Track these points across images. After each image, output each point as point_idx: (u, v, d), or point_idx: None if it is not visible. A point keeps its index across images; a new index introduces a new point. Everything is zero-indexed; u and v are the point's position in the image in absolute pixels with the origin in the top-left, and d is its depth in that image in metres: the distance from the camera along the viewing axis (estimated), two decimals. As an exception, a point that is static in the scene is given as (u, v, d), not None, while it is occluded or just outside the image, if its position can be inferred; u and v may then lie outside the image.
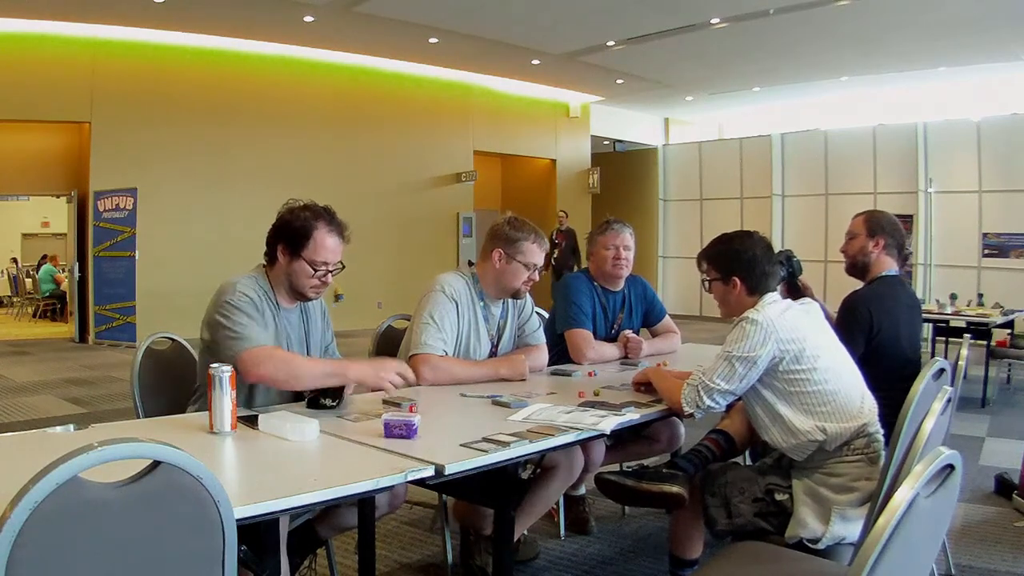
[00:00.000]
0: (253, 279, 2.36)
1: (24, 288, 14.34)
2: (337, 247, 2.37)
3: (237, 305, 2.23)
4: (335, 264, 2.37)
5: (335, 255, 2.36)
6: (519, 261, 2.78)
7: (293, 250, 2.33)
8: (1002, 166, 10.73)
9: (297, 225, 2.34)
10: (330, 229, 2.36)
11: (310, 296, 2.40)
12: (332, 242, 2.35)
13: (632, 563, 3.03)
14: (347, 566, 2.88)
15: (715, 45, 9.96)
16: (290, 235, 2.34)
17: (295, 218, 2.35)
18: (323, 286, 2.38)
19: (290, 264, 2.34)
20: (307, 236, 2.32)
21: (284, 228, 2.36)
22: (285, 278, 2.37)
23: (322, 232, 2.33)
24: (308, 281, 2.35)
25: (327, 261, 2.34)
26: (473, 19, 9.08)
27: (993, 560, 3.07)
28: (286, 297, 2.40)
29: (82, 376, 7.45)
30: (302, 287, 2.36)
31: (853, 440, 2.11)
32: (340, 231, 2.39)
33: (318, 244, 2.32)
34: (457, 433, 1.95)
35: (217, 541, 1.25)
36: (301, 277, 2.34)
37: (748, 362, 2.12)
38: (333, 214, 2.41)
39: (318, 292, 2.40)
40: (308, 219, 2.34)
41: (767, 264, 2.29)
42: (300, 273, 2.34)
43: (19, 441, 1.93)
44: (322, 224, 2.34)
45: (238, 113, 10.28)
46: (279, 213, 2.40)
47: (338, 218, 2.41)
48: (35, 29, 9.02)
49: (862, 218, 3.00)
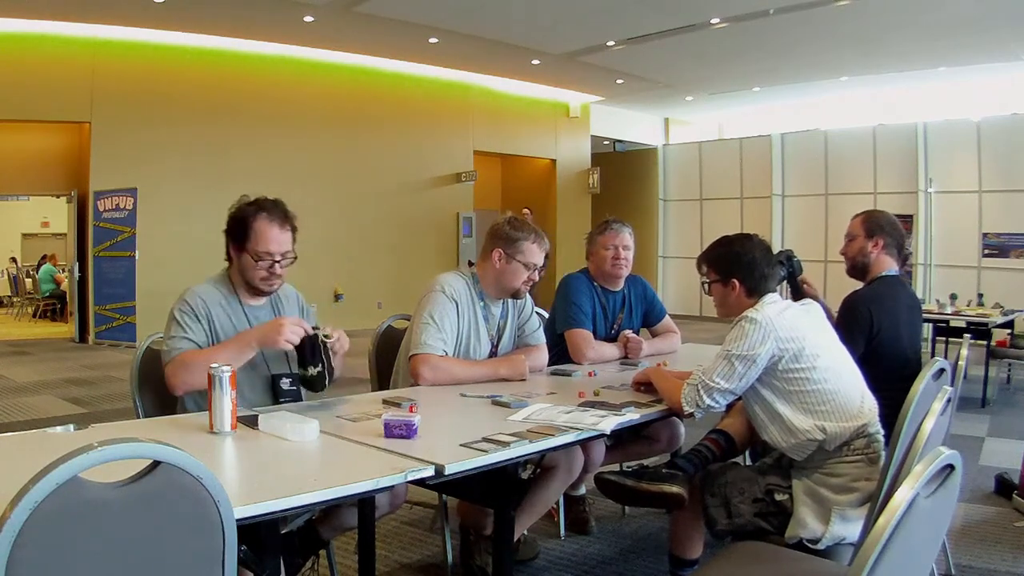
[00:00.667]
0: (211, 283, 2.39)
1: (24, 288, 14.35)
2: (280, 236, 2.34)
3: (176, 317, 2.28)
4: (282, 254, 2.35)
5: (279, 245, 2.34)
6: (519, 261, 2.78)
7: (239, 244, 2.34)
8: (1002, 166, 10.73)
9: (239, 219, 2.34)
10: (270, 219, 2.33)
11: (263, 289, 2.39)
12: (273, 232, 2.33)
13: (632, 563, 3.03)
14: (347, 566, 2.88)
15: (715, 45, 9.96)
16: (235, 230, 2.35)
17: (238, 212, 2.36)
18: (273, 277, 2.37)
19: (239, 259, 2.36)
20: (248, 228, 2.32)
21: (230, 224, 2.37)
22: (239, 274, 2.38)
23: (262, 223, 2.32)
24: (256, 273, 2.34)
25: (270, 251, 2.32)
26: (473, 19, 9.07)
27: (993, 560, 3.07)
28: (248, 294, 2.40)
29: (82, 376, 7.45)
30: (251, 280, 2.36)
31: (853, 440, 2.11)
32: (282, 220, 2.36)
33: (259, 235, 2.31)
34: (457, 433, 1.95)
35: (217, 541, 1.25)
36: (249, 270, 2.35)
37: (747, 360, 2.13)
38: (276, 204, 2.38)
39: (269, 284, 2.38)
40: (249, 211, 2.34)
41: (766, 266, 2.30)
42: (247, 266, 2.35)
43: (19, 441, 1.93)
44: (262, 215, 2.33)
45: (238, 113, 10.28)
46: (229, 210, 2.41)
47: (282, 208, 2.38)
48: (35, 29, 9.01)
49: (860, 219, 3.00)
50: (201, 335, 2.28)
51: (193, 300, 2.31)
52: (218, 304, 2.35)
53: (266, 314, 2.44)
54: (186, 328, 2.27)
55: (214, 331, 2.32)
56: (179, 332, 2.26)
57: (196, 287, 2.37)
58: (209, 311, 2.31)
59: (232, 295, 2.39)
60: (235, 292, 2.40)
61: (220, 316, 2.34)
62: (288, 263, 2.38)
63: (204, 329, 2.29)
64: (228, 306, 2.37)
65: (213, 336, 2.31)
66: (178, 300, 2.33)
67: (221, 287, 2.40)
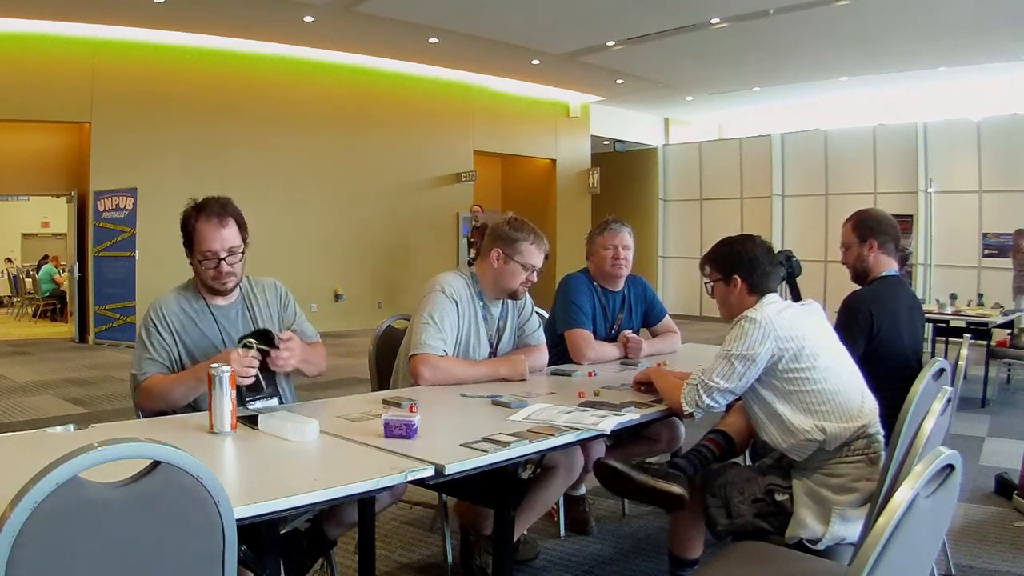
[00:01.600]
0: (176, 291, 2.41)
1: (24, 288, 14.35)
2: (219, 233, 2.31)
3: (141, 335, 2.32)
4: (227, 250, 2.33)
5: (220, 242, 2.31)
6: (517, 261, 2.78)
7: (188, 247, 2.36)
8: (1002, 166, 10.73)
9: (183, 222, 2.36)
10: (207, 217, 2.32)
11: (217, 288, 2.38)
12: (211, 230, 2.31)
13: (632, 563, 3.03)
14: (347, 566, 2.88)
15: (715, 45, 9.96)
16: (183, 235, 2.37)
17: (183, 216, 2.37)
18: (223, 275, 2.35)
19: (192, 262, 2.37)
20: (191, 230, 2.33)
21: (181, 230, 2.38)
22: (198, 278, 2.39)
23: (201, 223, 2.32)
24: (206, 273, 2.35)
25: (212, 249, 2.31)
26: (473, 19, 9.07)
27: (993, 560, 3.07)
28: (211, 294, 2.40)
29: (82, 376, 7.45)
30: (205, 280, 2.36)
31: (853, 441, 2.11)
32: (220, 217, 2.33)
33: (199, 235, 2.32)
34: (457, 433, 1.95)
35: (217, 541, 1.25)
36: (200, 272, 2.36)
37: (747, 360, 2.13)
38: (216, 201, 2.36)
39: (221, 283, 2.36)
40: (190, 214, 2.35)
41: (768, 264, 2.32)
42: (197, 268, 2.36)
43: (19, 441, 1.93)
44: (201, 215, 2.33)
45: (238, 113, 10.27)
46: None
47: (220, 203, 2.36)
48: (35, 29, 9.01)
49: (849, 225, 2.98)
50: (163, 352, 2.29)
51: (156, 315, 2.33)
52: (183, 311, 2.36)
53: (236, 312, 2.43)
54: (149, 348, 2.29)
55: (180, 340, 2.32)
56: (143, 353, 2.29)
57: (160, 299, 2.39)
58: (173, 322, 2.32)
59: (199, 298, 2.40)
60: (201, 295, 2.40)
61: (186, 323, 2.35)
62: (237, 259, 2.36)
63: (167, 344, 2.30)
64: (194, 311, 2.37)
65: (180, 345, 2.32)
66: (146, 314, 2.35)
67: (187, 292, 2.41)
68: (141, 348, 2.30)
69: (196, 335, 2.34)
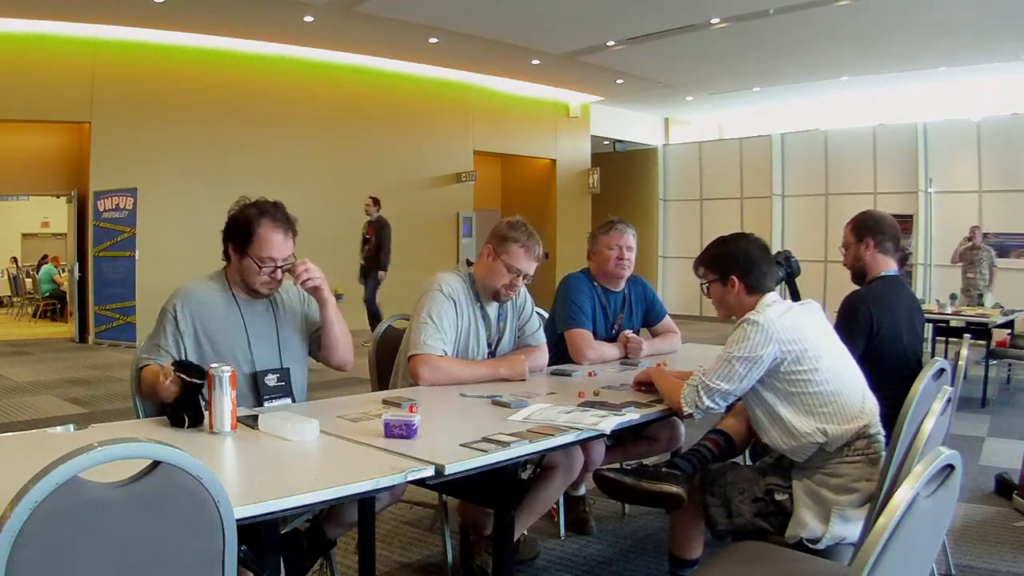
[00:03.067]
0: (206, 282, 2.38)
1: (24, 288, 14.34)
2: (283, 242, 2.32)
3: (161, 320, 2.28)
4: (284, 260, 2.34)
5: (281, 251, 2.32)
6: (502, 260, 2.76)
7: (240, 248, 2.32)
8: (1002, 166, 10.74)
9: (241, 222, 2.32)
10: (274, 224, 2.31)
11: (263, 292, 2.38)
12: (277, 238, 2.31)
13: (632, 563, 3.03)
14: (347, 566, 2.88)
15: (715, 45, 9.96)
16: (236, 233, 2.33)
17: (240, 215, 2.33)
18: (274, 282, 2.36)
19: (239, 262, 2.34)
20: (251, 233, 2.30)
21: (231, 226, 2.35)
22: (237, 275, 2.37)
23: (266, 228, 2.30)
24: (257, 278, 2.33)
25: (273, 257, 2.31)
26: (473, 19, 9.07)
27: (993, 560, 3.07)
28: (245, 293, 2.39)
29: (82, 376, 7.45)
30: (252, 284, 2.35)
31: (854, 441, 2.11)
32: (286, 226, 2.34)
33: (262, 240, 2.29)
34: (457, 433, 1.95)
35: (217, 541, 1.25)
36: (250, 275, 2.33)
37: (748, 362, 2.12)
38: (279, 208, 2.37)
39: (270, 288, 2.37)
40: (252, 215, 2.32)
41: (764, 263, 2.30)
42: (248, 271, 2.33)
43: (19, 441, 1.93)
44: (266, 220, 2.31)
45: (238, 113, 10.27)
46: (229, 211, 2.38)
47: (284, 212, 2.37)
48: (35, 29, 9.01)
49: (849, 226, 3.01)
50: (173, 344, 2.27)
51: (180, 304, 2.30)
52: (212, 302, 2.33)
53: (261, 310, 2.42)
54: (161, 335, 2.27)
55: (202, 331, 2.30)
56: (154, 338, 2.28)
57: (190, 285, 2.36)
58: (196, 312, 2.30)
59: (227, 291, 2.38)
60: (230, 290, 2.39)
61: (214, 314, 2.32)
62: (289, 267, 2.37)
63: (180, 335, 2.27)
64: (222, 302, 2.35)
65: (201, 336, 2.30)
66: (171, 298, 2.32)
67: (216, 283, 2.39)
68: (154, 332, 2.28)
69: (221, 328, 2.32)
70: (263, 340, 2.39)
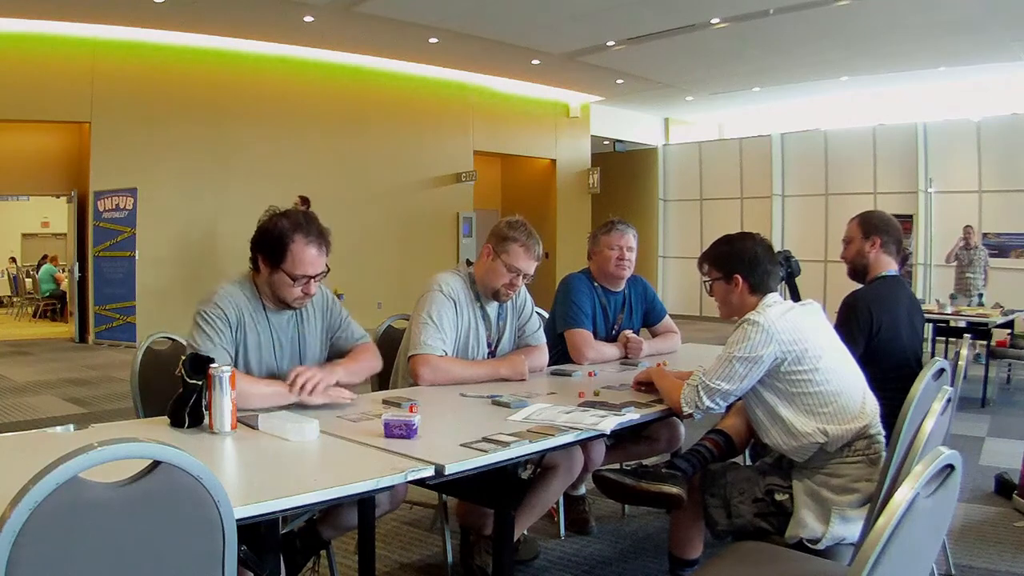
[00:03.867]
0: (238, 286, 2.33)
1: (24, 288, 14.34)
2: (317, 258, 2.28)
3: (206, 318, 2.22)
4: (318, 274, 2.30)
5: (315, 267, 2.28)
6: (502, 260, 2.76)
7: (272, 262, 2.26)
8: (1002, 166, 10.74)
9: (275, 236, 2.26)
10: (308, 240, 2.26)
11: (294, 306, 2.35)
12: (311, 254, 2.26)
13: (632, 563, 3.03)
14: (347, 566, 2.88)
15: (715, 45, 9.96)
16: (268, 246, 2.27)
17: (273, 228, 2.27)
18: (307, 297, 2.32)
19: (271, 275, 2.28)
20: (284, 249, 2.24)
21: (263, 238, 2.29)
22: (268, 287, 2.32)
23: (299, 245, 2.25)
24: (290, 292, 2.29)
25: (307, 274, 2.27)
26: (473, 19, 9.07)
27: (993, 560, 3.07)
28: (273, 304, 2.36)
29: (82, 376, 7.45)
30: (284, 297, 2.31)
31: (854, 441, 2.10)
32: (319, 241, 2.29)
33: (296, 257, 2.24)
34: (457, 433, 1.95)
35: (217, 541, 1.25)
36: (282, 288, 2.29)
37: (749, 363, 2.12)
38: (312, 222, 2.31)
39: (302, 302, 2.34)
40: (286, 230, 2.25)
41: (768, 263, 2.29)
42: (280, 284, 2.28)
43: (19, 441, 1.93)
44: (299, 236, 2.25)
45: (238, 113, 10.28)
46: (259, 220, 2.33)
47: (318, 225, 2.32)
48: (35, 29, 9.02)
49: (856, 221, 3.00)
50: (231, 347, 2.24)
51: (225, 304, 2.25)
52: (245, 309, 2.30)
53: (286, 320, 2.40)
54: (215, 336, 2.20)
55: (239, 338, 2.28)
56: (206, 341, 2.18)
57: (228, 288, 2.30)
58: (240, 317, 2.27)
59: (257, 299, 2.35)
60: (259, 298, 2.35)
61: (247, 322, 2.30)
62: (322, 278, 2.33)
63: (231, 339, 2.24)
64: (252, 310, 2.32)
65: (237, 344, 2.27)
66: (206, 300, 2.26)
67: (245, 291, 2.34)
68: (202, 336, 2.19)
69: (251, 335, 2.31)
70: (286, 349, 2.38)
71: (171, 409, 1.96)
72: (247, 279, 2.37)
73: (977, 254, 8.93)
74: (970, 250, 8.95)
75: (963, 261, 8.99)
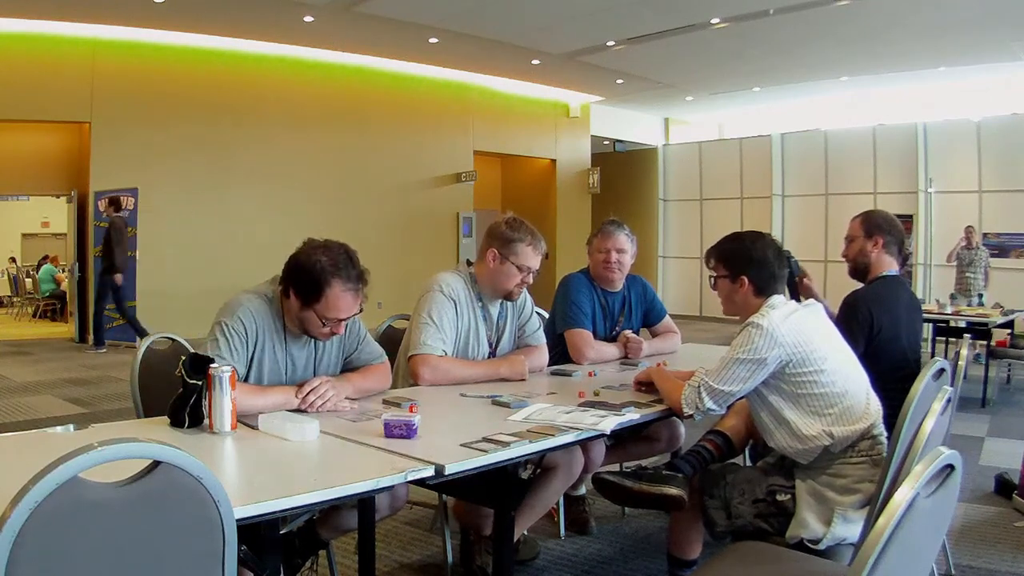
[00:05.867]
0: (265, 303, 2.23)
1: (24, 288, 14.34)
2: (352, 304, 2.18)
3: (226, 332, 2.15)
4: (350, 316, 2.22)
5: (349, 312, 2.18)
6: (512, 262, 2.76)
7: (305, 300, 2.15)
8: (1002, 166, 10.74)
9: (312, 275, 2.13)
10: (345, 287, 2.15)
11: (319, 338, 2.27)
12: (346, 301, 2.16)
13: (632, 563, 3.03)
14: (347, 566, 2.88)
15: (715, 45, 9.95)
16: (303, 284, 2.15)
17: (312, 266, 2.14)
18: (334, 335, 2.24)
19: (301, 310, 2.18)
20: (320, 292, 2.13)
21: (298, 273, 2.16)
22: (295, 316, 2.22)
23: (336, 291, 2.13)
24: (318, 331, 2.20)
25: (340, 318, 2.18)
26: (473, 19, 9.07)
27: (993, 560, 3.07)
28: (295, 327, 2.27)
29: (82, 376, 7.45)
30: (310, 332, 2.24)
31: (858, 442, 2.10)
32: (357, 285, 2.18)
33: (331, 303, 2.14)
34: (457, 433, 1.95)
35: (217, 541, 1.25)
36: (311, 326, 2.20)
37: (751, 365, 2.11)
38: (353, 263, 2.19)
39: (327, 338, 2.26)
40: (324, 271, 2.13)
41: (777, 267, 2.28)
42: (310, 322, 2.19)
43: (19, 441, 1.93)
44: (338, 282, 2.13)
45: (238, 113, 10.27)
46: (297, 250, 2.21)
47: (357, 268, 2.19)
48: (35, 29, 9.01)
49: (858, 220, 3.00)
50: (244, 366, 2.18)
51: (248, 320, 2.18)
52: (267, 329, 2.23)
53: (305, 341, 2.32)
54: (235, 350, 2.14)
55: (253, 355, 2.22)
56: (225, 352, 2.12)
57: (254, 303, 2.21)
58: (259, 337, 2.21)
59: (279, 321, 2.26)
60: (282, 318, 2.27)
61: (265, 343, 2.23)
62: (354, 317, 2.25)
63: (245, 358, 2.18)
64: (275, 333, 2.25)
65: (251, 361, 2.21)
66: (229, 312, 2.18)
67: (271, 308, 2.25)
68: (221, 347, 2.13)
69: (266, 354, 2.25)
70: (299, 373, 2.33)
71: (171, 409, 1.96)
72: (275, 298, 2.26)
73: (978, 254, 8.93)
74: (971, 250, 8.95)
75: (964, 261, 9.00)
